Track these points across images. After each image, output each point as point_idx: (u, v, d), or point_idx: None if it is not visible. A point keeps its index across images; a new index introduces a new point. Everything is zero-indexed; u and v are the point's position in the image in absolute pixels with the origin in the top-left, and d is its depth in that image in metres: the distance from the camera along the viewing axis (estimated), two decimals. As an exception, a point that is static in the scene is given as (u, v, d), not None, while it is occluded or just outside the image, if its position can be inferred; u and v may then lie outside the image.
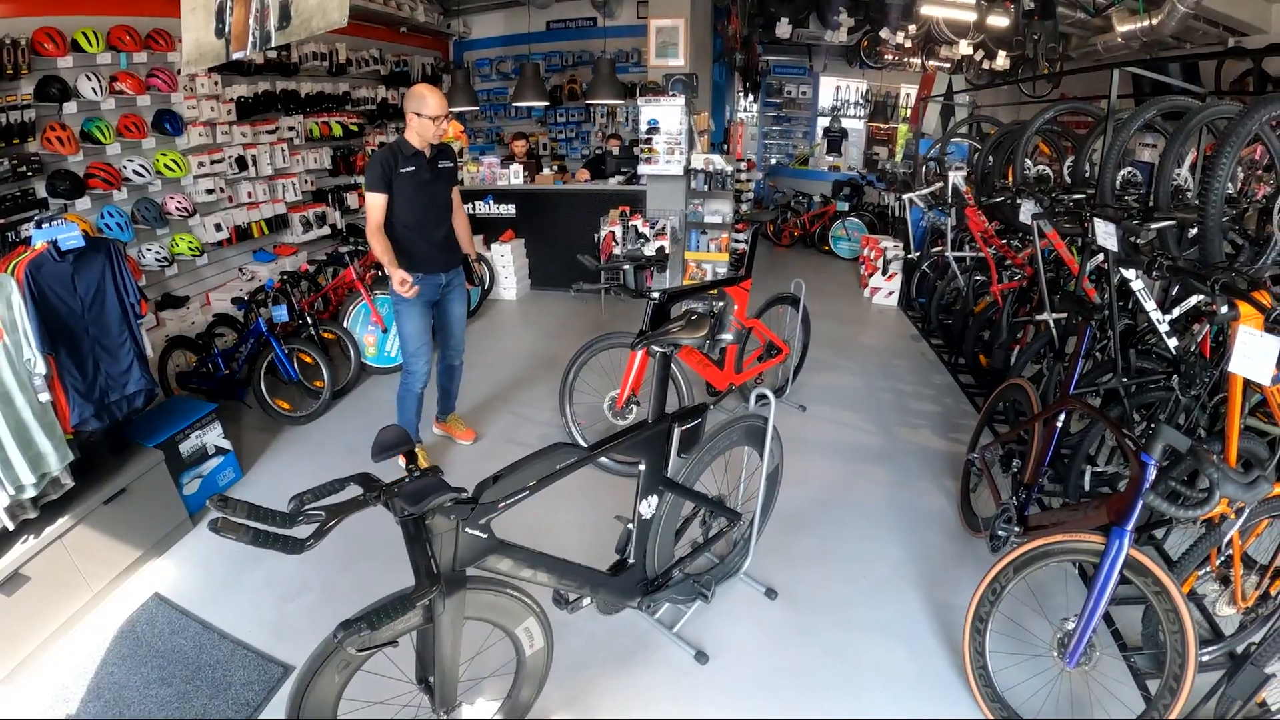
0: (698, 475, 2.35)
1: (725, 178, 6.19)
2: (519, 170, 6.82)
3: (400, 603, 1.49)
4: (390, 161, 3.16)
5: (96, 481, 2.86)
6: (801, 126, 10.49)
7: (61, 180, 4.19)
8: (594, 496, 3.22)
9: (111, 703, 2.29)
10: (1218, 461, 1.52)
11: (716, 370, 3.79)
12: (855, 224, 7.82)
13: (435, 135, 3.21)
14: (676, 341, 2.02)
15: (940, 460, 3.66)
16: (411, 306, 3.39)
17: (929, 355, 5.15)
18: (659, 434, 2.09)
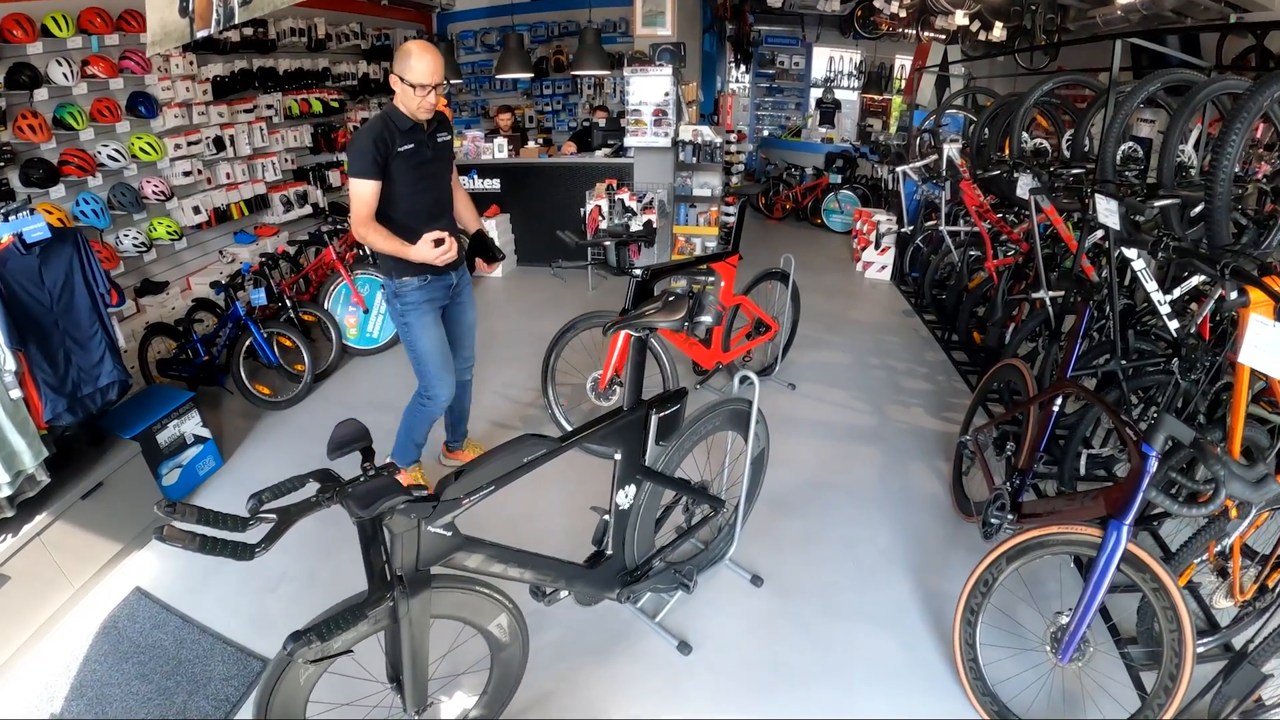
0: (679, 461, 2.25)
1: (714, 149, 6.02)
2: (503, 144, 6.63)
3: (351, 613, 1.41)
4: (385, 139, 2.51)
5: (73, 476, 2.80)
6: (795, 98, 10.25)
7: (35, 169, 4.06)
8: (578, 480, 3.13)
9: (94, 700, 2.26)
10: (1224, 458, 1.42)
11: (703, 349, 3.68)
12: (848, 197, 7.65)
13: (423, 109, 2.55)
14: (652, 325, 1.90)
15: (932, 440, 3.57)
16: (424, 316, 2.79)
17: (922, 331, 5.04)
18: (635, 421, 1.99)
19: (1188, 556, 1.97)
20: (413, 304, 2.76)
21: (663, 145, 6.09)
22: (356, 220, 2.56)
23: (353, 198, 2.56)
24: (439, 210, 2.83)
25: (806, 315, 5.09)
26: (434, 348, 2.85)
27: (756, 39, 10.07)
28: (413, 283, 2.74)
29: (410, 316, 2.79)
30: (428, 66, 2.48)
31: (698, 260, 3.61)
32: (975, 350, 4.30)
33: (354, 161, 2.54)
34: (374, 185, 2.53)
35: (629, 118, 6.10)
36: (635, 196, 5.96)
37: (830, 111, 9.10)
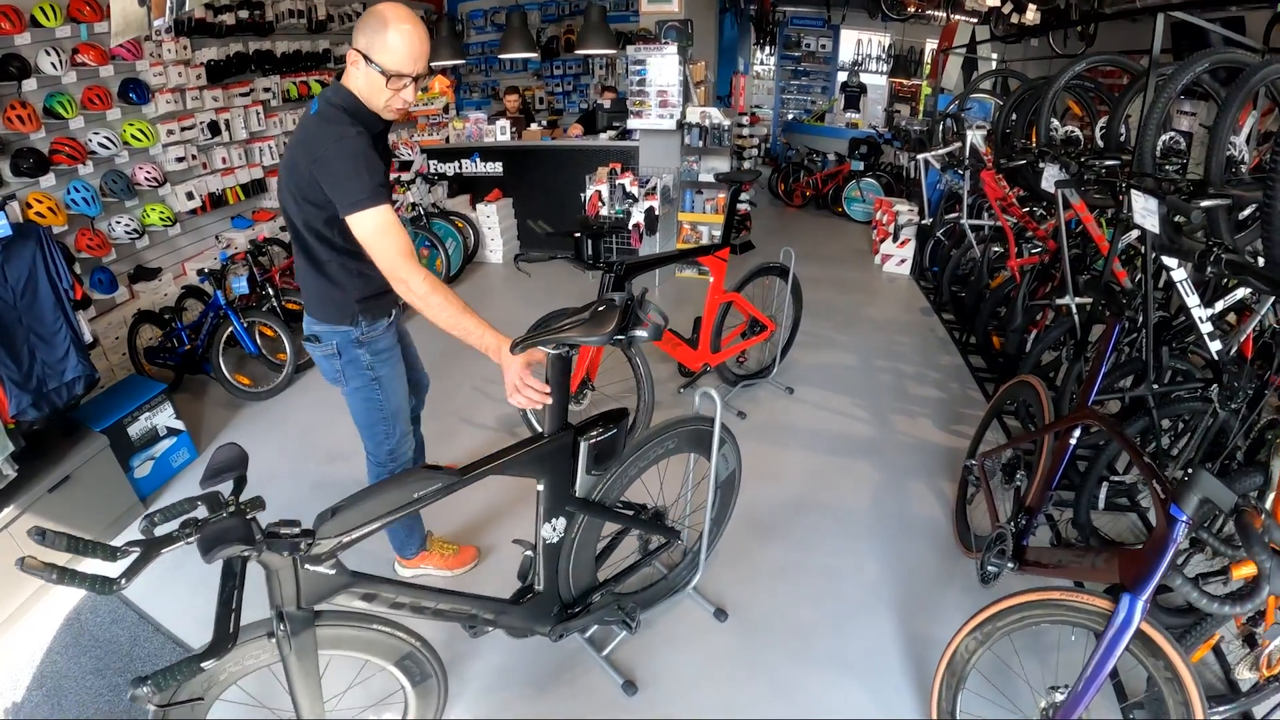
0: (624, 488, 1.98)
1: (722, 133, 5.67)
2: (506, 126, 6.36)
3: (187, 665, 1.23)
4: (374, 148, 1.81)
5: (41, 470, 2.78)
6: (820, 81, 9.76)
7: (24, 158, 3.98)
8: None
9: (51, 692, 2.28)
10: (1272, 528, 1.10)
11: (688, 350, 3.39)
12: (870, 185, 7.21)
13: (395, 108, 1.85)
14: (570, 342, 1.61)
15: (937, 457, 3.23)
16: (397, 364, 2.22)
17: (939, 332, 4.66)
18: (558, 449, 1.71)
19: (1211, 628, 1.64)
20: (385, 351, 2.13)
21: (668, 128, 5.76)
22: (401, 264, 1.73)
23: (379, 236, 1.74)
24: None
25: (815, 311, 4.77)
26: (404, 403, 2.29)
27: (781, 20, 9.61)
28: (382, 324, 2.11)
29: (384, 369, 2.15)
30: (413, 47, 1.74)
31: (681, 254, 3.30)
32: (993, 356, 3.93)
33: (362, 180, 1.72)
34: (391, 210, 1.77)
35: (633, 99, 5.77)
36: (637, 182, 5.65)
37: (855, 96, 8.63)
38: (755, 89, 11.21)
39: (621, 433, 1.79)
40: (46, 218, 4.09)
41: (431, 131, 6.60)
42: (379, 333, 2.10)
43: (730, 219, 3.52)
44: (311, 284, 2.04)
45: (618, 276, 2.90)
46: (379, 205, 1.75)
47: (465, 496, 2.15)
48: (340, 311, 2.04)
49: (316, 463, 3.45)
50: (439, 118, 6.67)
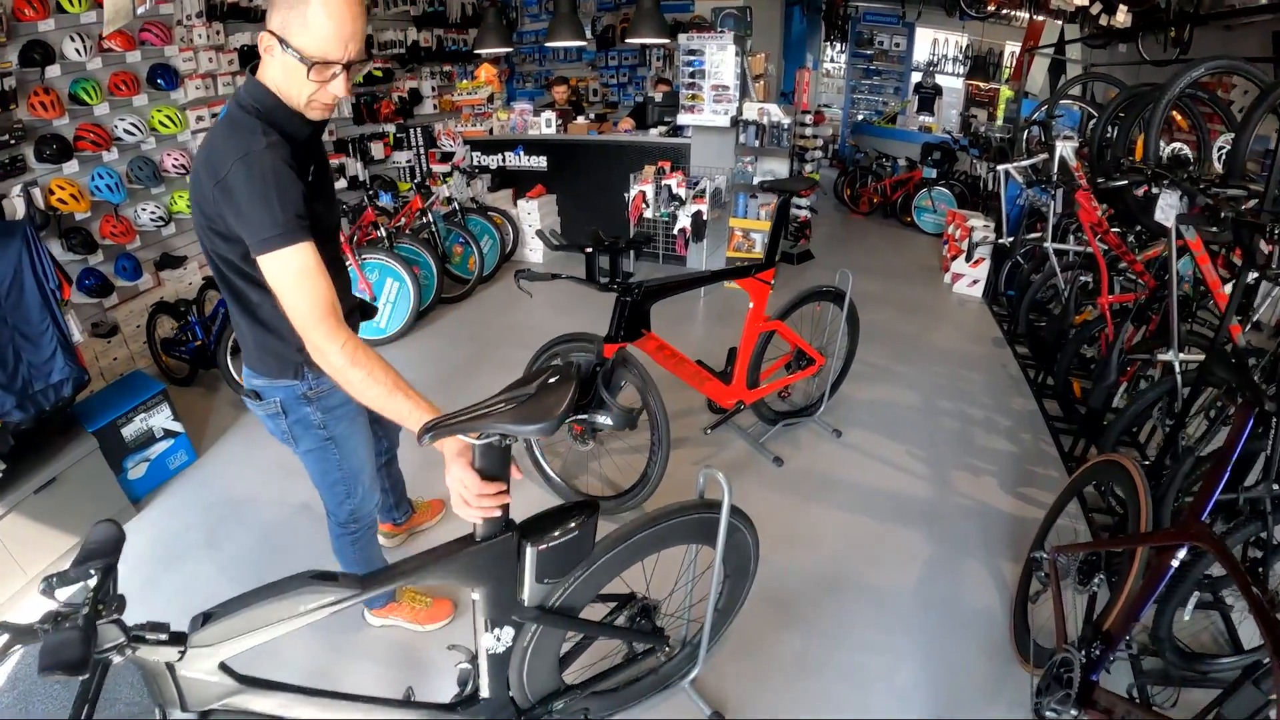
0: (601, 585, 1.64)
1: (781, 131, 5.24)
2: (551, 118, 6.07)
3: None
4: (291, 165, 1.45)
5: (28, 470, 2.77)
6: (893, 81, 9.12)
7: (48, 144, 3.98)
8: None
9: (21, 696, 2.23)
10: None
11: (718, 384, 3.00)
12: (943, 195, 6.62)
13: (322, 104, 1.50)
14: (505, 432, 1.23)
15: (1001, 529, 2.77)
16: (355, 420, 1.89)
17: (1011, 369, 4.13)
18: (498, 553, 1.37)
19: None
20: (339, 407, 1.80)
21: (721, 124, 5.37)
22: (314, 324, 1.40)
23: (289, 285, 1.41)
24: (339, 255, 1.83)
25: (874, 335, 4.33)
26: (367, 458, 1.98)
27: (854, 15, 9.03)
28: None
29: (339, 426, 1.83)
30: (342, 24, 1.38)
31: (714, 276, 2.91)
32: (1073, 405, 3.41)
33: (271, 211, 1.38)
34: (312, 250, 1.42)
35: (686, 92, 5.40)
36: (685, 183, 5.27)
37: (930, 98, 8.00)
38: (825, 87, 10.64)
39: (586, 533, 1.45)
40: (68, 204, 4.08)
41: (475, 122, 6.38)
42: (330, 386, 1.71)
43: (777, 235, 3.10)
44: (245, 330, 1.69)
45: (634, 302, 2.56)
46: (292, 244, 1.38)
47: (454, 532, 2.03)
48: (282, 363, 1.70)
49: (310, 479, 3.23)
50: (484, 108, 6.43)
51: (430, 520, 2.89)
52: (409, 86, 6.69)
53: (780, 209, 3.08)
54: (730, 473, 3.06)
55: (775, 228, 3.08)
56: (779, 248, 3.07)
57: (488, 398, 1.28)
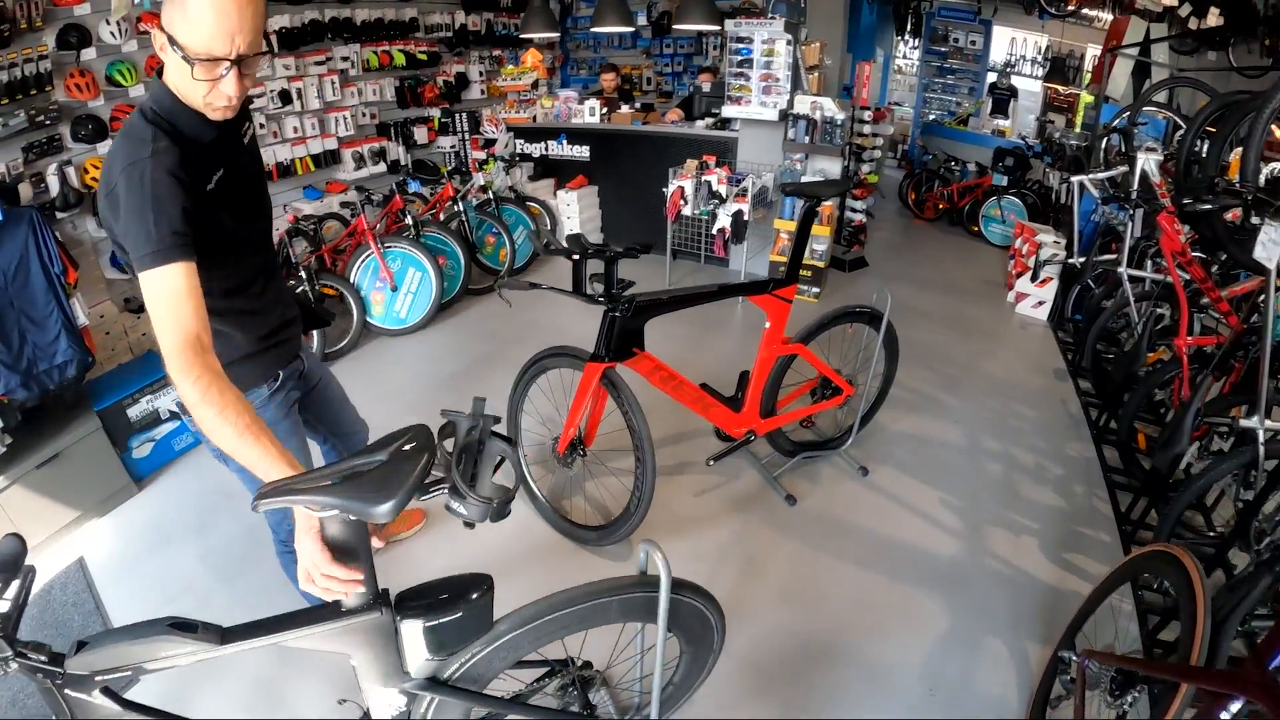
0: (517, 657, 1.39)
1: (834, 128, 4.85)
2: (595, 107, 5.82)
3: None
4: (182, 173, 1.32)
5: (32, 446, 2.85)
6: (968, 81, 8.45)
7: (84, 125, 4.05)
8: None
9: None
10: None
11: (725, 411, 2.71)
12: (1013, 204, 6.05)
13: (218, 105, 1.35)
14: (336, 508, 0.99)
15: (1036, 602, 2.40)
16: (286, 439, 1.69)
17: (1072, 406, 3.68)
18: (368, 627, 1.16)
19: None
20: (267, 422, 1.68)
21: (769, 118, 5.01)
22: (173, 354, 1.24)
23: (156, 307, 1.28)
24: (271, 264, 1.71)
25: (922, 356, 4.02)
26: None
27: (927, 9, 8.42)
28: (260, 394, 1.69)
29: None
30: (224, 17, 1.23)
31: (722, 291, 2.59)
32: (1134, 459, 2.98)
33: (146, 227, 1.26)
34: (187, 272, 1.28)
35: (732, 82, 5.07)
36: (726, 179, 4.94)
37: (1005, 100, 7.37)
38: (896, 84, 10.03)
39: (478, 611, 1.21)
40: None
41: (520, 109, 6.19)
42: (257, 405, 1.65)
43: (800, 248, 2.71)
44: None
45: (623, 320, 2.30)
46: (163, 265, 1.26)
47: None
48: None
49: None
50: (528, 94, 6.24)
51: (407, 530, 2.75)
52: (456, 71, 6.55)
53: (805, 216, 2.71)
54: (735, 509, 2.84)
55: (798, 240, 2.71)
56: (801, 261, 2.71)
57: (342, 460, 1.06)
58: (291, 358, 1.80)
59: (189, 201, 1.32)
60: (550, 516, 2.74)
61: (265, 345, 1.68)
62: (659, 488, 2.96)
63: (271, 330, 1.70)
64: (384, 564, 2.62)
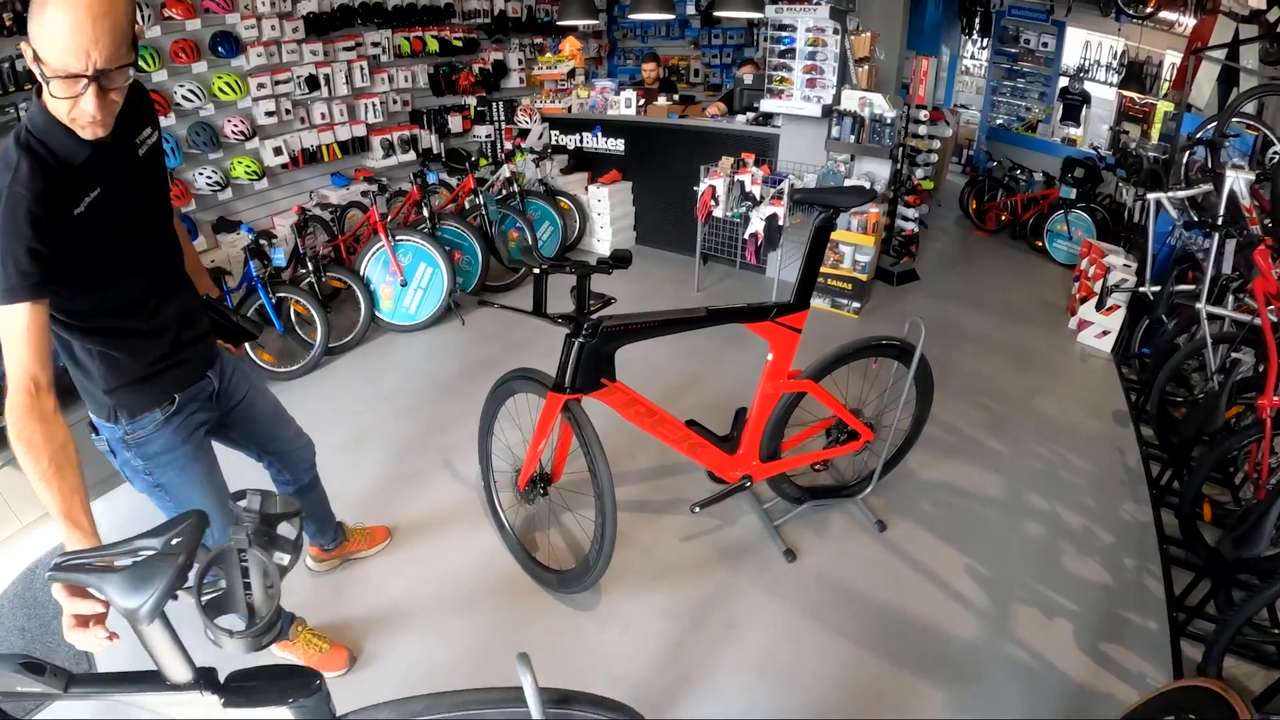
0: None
1: (884, 128, 4.41)
2: (631, 98, 5.50)
3: None
4: (44, 202, 1.23)
5: None
6: (1039, 85, 7.72)
7: None
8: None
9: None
10: None
11: (717, 453, 2.38)
12: (1080, 220, 5.44)
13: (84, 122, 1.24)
14: (105, 597, 0.82)
15: (1060, 703, 2.00)
16: (187, 465, 1.66)
17: (1130, 458, 3.20)
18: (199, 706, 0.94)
19: None
20: (162, 454, 1.60)
21: (811, 114, 4.60)
22: (9, 388, 1.22)
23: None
24: (168, 282, 1.56)
25: (969, 388, 3.66)
26: (214, 501, 1.71)
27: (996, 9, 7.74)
28: (152, 419, 1.56)
29: (164, 475, 1.63)
30: (78, 30, 1.13)
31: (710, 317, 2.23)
32: (1199, 530, 2.52)
33: None
34: (31, 312, 1.22)
35: (773, 74, 4.69)
36: (760, 180, 4.57)
37: (1077, 106, 6.70)
38: (963, 85, 9.34)
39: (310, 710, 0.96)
40: None
41: (556, 99, 5.92)
42: (148, 432, 1.58)
43: (812, 267, 2.27)
44: (68, 365, 1.52)
45: (587, 347, 2.00)
46: (6, 304, 1.21)
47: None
48: (97, 404, 1.55)
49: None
50: (564, 84, 5.96)
51: (367, 549, 2.56)
52: (494, 58, 6.32)
53: (820, 231, 2.24)
54: (724, 560, 2.51)
55: (810, 255, 2.26)
56: (814, 285, 2.32)
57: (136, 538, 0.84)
58: (194, 379, 1.66)
59: (43, 237, 1.23)
60: (516, 550, 2.49)
61: (157, 369, 1.56)
62: (640, 527, 2.69)
63: (165, 353, 1.56)
64: (338, 583, 2.48)
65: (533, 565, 2.42)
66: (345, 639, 2.19)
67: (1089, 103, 6.76)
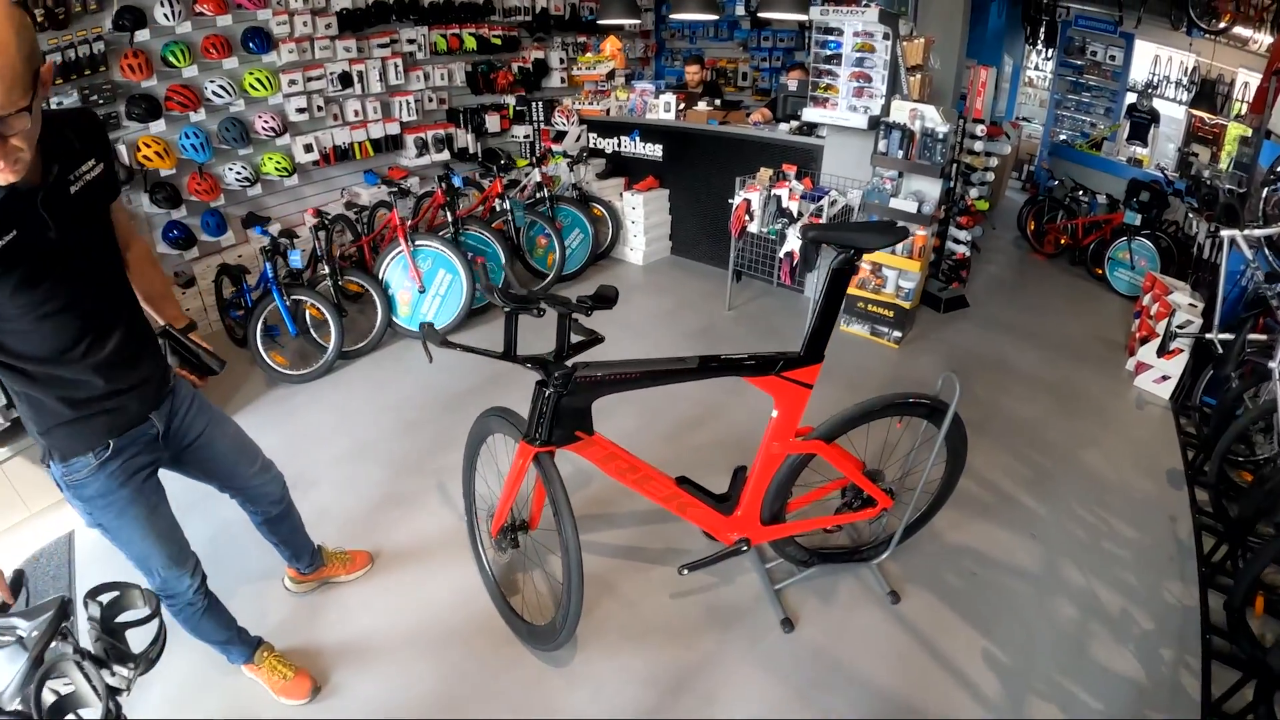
0: None
1: (935, 143, 4.08)
2: (671, 102, 5.28)
3: None
4: None
5: None
6: (1105, 100, 7.14)
7: (138, 104, 4.13)
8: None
9: None
10: None
11: (712, 514, 2.17)
12: (1144, 249, 4.99)
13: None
14: None
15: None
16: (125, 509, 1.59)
17: (1182, 527, 2.86)
18: None
19: None
20: (97, 498, 1.55)
21: (857, 125, 4.31)
22: None
23: None
24: (104, 321, 1.47)
25: (1011, 436, 3.40)
26: (154, 542, 1.66)
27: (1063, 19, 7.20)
28: (85, 464, 1.51)
29: (104, 517, 1.58)
30: None
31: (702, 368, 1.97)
32: (1248, 626, 2.20)
33: None
34: None
35: (817, 80, 4.41)
36: (797, 195, 4.31)
37: (1144, 125, 6.17)
38: (1026, 98, 8.78)
39: None
40: (154, 161, 4.23)
41: (594, 100, 5.74)
42: (81, 475, 1.52)
43: (828, 317, 1.98)
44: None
45: (558, 398, 1.83)
46: None
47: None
48: (35, 440, 1.53)
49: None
50: (603, 85, 5.78)
51: (346, 574, 2.49)
52: (534, 57, 6.18)
53: (837, 274, 1.92)
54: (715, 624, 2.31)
55: (825, 304, 1.97)
56: (829, 335, 2.02)
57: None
58: (133, 423, 1.57)
59: None
60: (494, 594, 2.35)
61: (87, 413, 1.48)
62: (628, 578, 2.52)
63: (96, 397, 1.48)
64: (314, 606, 2.40)
65: (508, 612, 2.28)
66: (314, 666, 2.14)
67: (1157, 121, 6.23)
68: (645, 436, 3.29)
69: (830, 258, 1.93)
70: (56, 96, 3.84)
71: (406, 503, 2.93)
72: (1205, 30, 5.58)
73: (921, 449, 2.31)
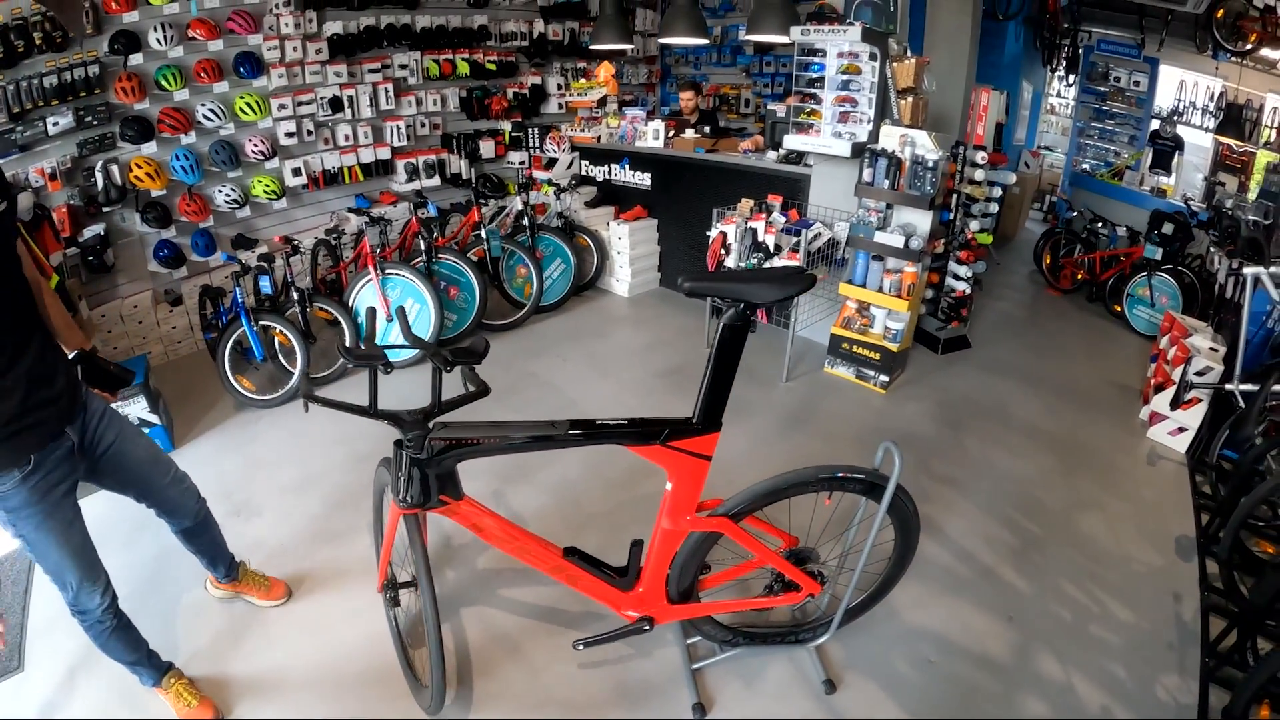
0: None
1: (925, 171, 3.73)
2: (659, 129, 5.05)
3: None
4: None
5: None
6: (1129, 128, 6.64)
7: (130, 126, 4.16)
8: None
9: None
10: None
11: (608, 589, 1.86)
12: (1165, 285, 4.52)
13: None
14: None
15: None
16: (44, 520, 1.64)
17: (1187, 608, 2.43)
18: None
19: None
20: (19, 509, 1.60)
21: (840, 153, 3.99)
22: None
23: None
24: (14, 345, 1.50)
25: (1003, 493, 3.03)
26: (70, 553, 1.71)
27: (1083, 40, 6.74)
28: (10, 478, 1.55)
29: (24, 529, 1.64)
30: None
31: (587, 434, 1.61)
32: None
33: None
34: None
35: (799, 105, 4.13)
36: (774, 228, 4.00)
37: (1168, 152, 5.68)
38: (1047, 125, 8.30)
39: None
40: (145, 181, 4.25)
41: (587, 127, 5.55)
42: (7, 488, 1.56)
43: (720, 383, 1.63)
44: None
45: (415, 460, 1.57)
46: None
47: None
48: None
49: (223, 511, 2.65)
50: (596, 111, 5.58)
51: (260, 598, 2.42)
52: (532, 82, 6.02)
53: (728, 340, 1.59)
54: (621, 702, 2.00)
55: (717, 369, 1.62)
56: (725, 401, 1.66)
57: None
58: (50, 438, 1.61)
59: None
60: (397, 645, 2.11)
61: (8, 432, 1.51)
62: (538, 641, 2.22)
63: (14, 415, 1.51)
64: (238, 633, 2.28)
65: (405, 666, 2.04)
66: (220, 696, 2.05)
67: (1181, 149, 5.74)
68: (590, 484, 2.98)
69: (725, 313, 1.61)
70: (53, 117, 3.88)
71: (338, 541, 2.74)
72: (1231, 52, 5.11)
73: (862, 526, 1.96)
